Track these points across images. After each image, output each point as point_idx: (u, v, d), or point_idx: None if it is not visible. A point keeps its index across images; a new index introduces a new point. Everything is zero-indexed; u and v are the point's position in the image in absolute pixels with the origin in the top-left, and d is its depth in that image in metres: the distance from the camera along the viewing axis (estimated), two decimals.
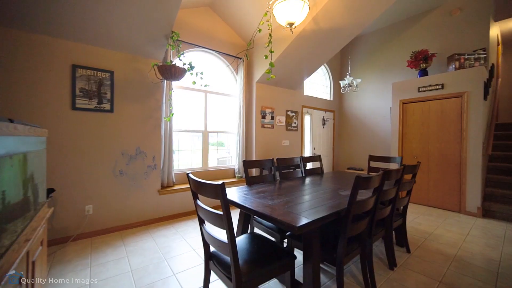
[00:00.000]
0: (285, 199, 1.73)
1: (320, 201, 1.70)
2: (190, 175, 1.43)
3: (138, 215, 2.95)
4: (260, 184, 2.30)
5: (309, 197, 1.80)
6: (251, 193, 1.92)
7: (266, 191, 2.00)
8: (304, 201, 1.69)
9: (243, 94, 4.15)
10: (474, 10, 3.90)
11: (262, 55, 3.98)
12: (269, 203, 1.64)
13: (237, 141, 4.21)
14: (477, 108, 3.43)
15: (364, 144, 5.51)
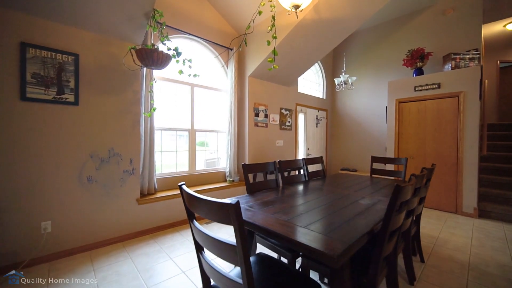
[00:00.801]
0: (301, 213, 1.40)
1: (344, 214, 1.39)
2: (183, 188, 1.04)
3: (113, 230, 2.46)
4: (262, 192, 1.96)
5: (327, 209, 1.49)
6: (256, 205, 1.57)
7: (273, 201, 1.66)
8: (326, 215, 1.37)
9: (235, 89, 3.77)
10: (467, 11, 3.89)
11: (256, 46, 3.63)
12: (283, 219, 1.30)
13: (228, 141, 3.82)
14: (473, 108, 3.39)
15: (357, 144, 5.39)
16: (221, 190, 3.49)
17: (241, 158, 3.95)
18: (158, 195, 2.85)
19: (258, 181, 2.10)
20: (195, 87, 3.53)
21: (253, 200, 1.69)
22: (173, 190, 3.11)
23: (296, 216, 1.34)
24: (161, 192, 2.98)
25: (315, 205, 1.56)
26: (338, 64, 5.74)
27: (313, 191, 2.01)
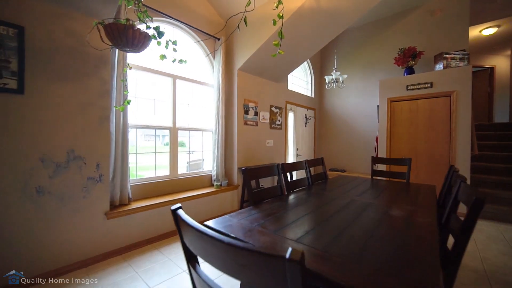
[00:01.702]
0: (345, 242, 1.08)
1: (390, 235, 1.10)
2: (180, 214, 0.67)
3: (73, 254, 1.94)
4: (269, 203, 1.62)
5: (364, 227, 1.18)
6: (270, 223, 1.23)
7: (292, 220, 1.33)
8: (375, 240, 1.07)
9: (222, 83, 3.38)
10: (454, 13, 3.92)
11: (246, 37, 3.28)
12: (333, 252, 0.97)
13: (215, 140, 3.41)
14: (466, 108, 3.39)
15: (346, 144, 5.28)
16: (207, 196, 3.08)
17: (229, 160, 3.57)
18: (133, 205, 2.36)
19: (260, 188, 1.75)
20: (177, 80, 3.07)
21: (261, 215, 1.34)
22: (151, 198, 2.64)
23: (347, 251, 1.01)
24: (137, 202, 2.50)
25: (347, 222, 1.25)
26: (326, 62, 5.60)
27: (330, 200, 1.71)
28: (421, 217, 1.30)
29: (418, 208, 1.47)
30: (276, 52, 1.74)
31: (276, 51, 1.72)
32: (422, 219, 1.26)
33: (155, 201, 2.55)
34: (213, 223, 1.19)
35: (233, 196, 3.45)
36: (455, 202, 1.15)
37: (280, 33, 1.62)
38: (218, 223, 1.20)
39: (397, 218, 1.29)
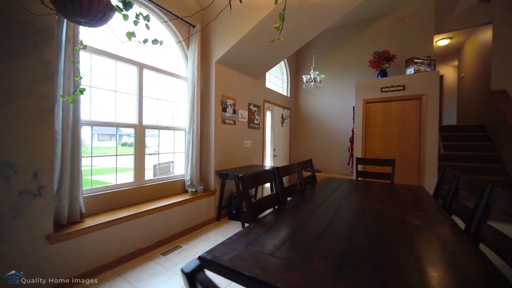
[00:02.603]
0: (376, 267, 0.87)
1: (418, 248, 0.93)
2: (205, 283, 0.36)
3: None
4: (272, 217, 1.36)
5: (386, 241, 1.00)
6: (298, 259, 0.97)
7: (312, 241, 1.09)
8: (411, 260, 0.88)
9: (197, 76, 3.00)
10: (421, 21, 4.18)
11: (226, 25, 2.96)
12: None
13: (189, 140, 3.01)
14: (434, 111, 3.60)
15: (321, 144, 5.30)
16: (182, 205, 2.67)
17: (205, 163, 3.20)
18: (87, 223, 1.87)
19: (259, 199, 1.49)
20: (145, 69, 2.61)
21: (271, 237, 1.07)
22: (112, 212, 2.15)
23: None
24: (93, 217, 1.99)
25: (370, 239, 1.06)
26: (302, 62, 5.56)
27: (344, 211, 1.52)
28: (441, 226, 1.18)
29: (432, 214, 1.37)
30: (275, 38, 1.49)
31: (276, 36, 1.47)
32: (444, 228, 1.14)
33: (116, 215, 2.08)
34: (218, 254, 0.89)
35: (210, 203, 3.10)
36: (486, 210, 1.05)
37: (281, 15, 1.37)
38: (222, 253, 0.90)
39: (426, 229, 1.15)
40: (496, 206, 0.99)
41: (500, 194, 0.98)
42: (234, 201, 3.26)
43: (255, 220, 1.32)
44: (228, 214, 3.35)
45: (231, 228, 2.92)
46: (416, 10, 4.20)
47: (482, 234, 1.02)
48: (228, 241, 1.02)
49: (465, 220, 1.29)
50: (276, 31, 2.87)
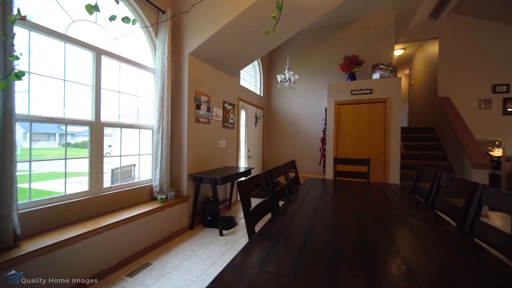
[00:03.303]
0: None
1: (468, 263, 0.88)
2: None
3: None
4: (275, 226, 1.20)
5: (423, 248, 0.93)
6: (331, 281, 0.82)
7: (330, 255, 0.95)
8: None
9: (168, 68, 2.67)
10: (384, 30, 4.51)
11: (202, 14, 2.70)
12: None
13: (158, 141, 2.66)
14: (397, 113, 3.90)
15: (293, 144, 5.34)
16: (150, 215, 2.33)
17: (177, 165, 2.88)
18: (25, 248, 1.44)
19: (255, 206, 1.31)
20: (103, 56, 2.19)
21: (287, 251, 0.91)
22: (61, 230, 1.72)
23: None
24: (33, 239, 1.56)
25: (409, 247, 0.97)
26: (274, 61, 5.53)
27: (345, 215, 1.43)
28: (441, 224, 1.18)
29: (425, 213, 1.38)
30: (270, 29, 1.33)
31: (271, 27, 1.31)
32: (446, 227, 1.13)
33: (67, 233, 1.67)
34: (229, 283, 0.69)
35: (182, 210, 2.79)
36: (479, 207, 1.07)
37: (278, 4, 1.23)
38: (233, 280, 0.71)
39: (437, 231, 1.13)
40: (491, 204, 1.01)
41: (491, 192, 1.02)
42: (209, 207, 3.01)
43: (253, 231, 1.15)
44: (202, 221, 3.08)
45: (208, 237, 2.67)
46: (380, 21, 4.52)
47: (475, 230, 1.04)
48: (235, 262, 0.82)
49: (449, 216, 1.33)
50: (256, 24, 2.74)
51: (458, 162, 4.04)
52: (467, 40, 4.77)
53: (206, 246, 2.44)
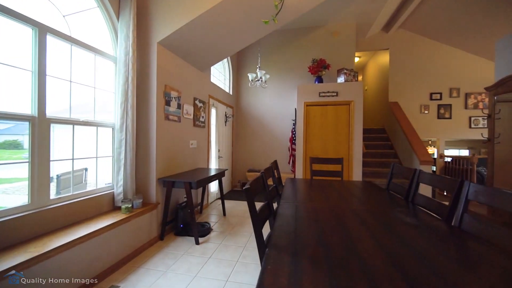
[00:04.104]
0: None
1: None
2: None
3: None
4: (283, 232, 1.09)
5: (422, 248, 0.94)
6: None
7: (359, 263, 0.89)
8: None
9: (133, 57, 2.32)
10: (347, 38, 4.85)
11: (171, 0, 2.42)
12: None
13: (121, 141, 2.29)
14: (359, 115, 4.22)
15: (262, 144, 5.32)
16: (113, 230, 1.97)
17: (144, 169, 2.54)
18: None
19: (259, 212, 1.18)
20: (49, 35, 1.76)
21: (320, 271, 0.81)
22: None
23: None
24: None
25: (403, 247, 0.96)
26: (243, 60, 5.42)
27: (345, 216, 1.40)
28: (434, 221, 1.26)
29: (410, 210, 1.46)
30: (269, 19, 1.23)
31: (271, 18, 1.21)
32: (437, 223, 1.21)
33: (1, 263, 1.27)
34: None
35: (151, 220, 2.46)
36: (466, 202, 1.17)
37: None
38: None
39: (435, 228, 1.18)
40: (479, 199, 1.12)
41: (476, 187, 1.13)
42: (181, 213, 2.73)
43: (263, 243, 1.02)
44: (173, 229, 2.78)
45: (182, 247, 2.41)
46: (343, 29, 4.84)
47: (464, 224, 1.14)
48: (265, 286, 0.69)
49: (433, 211, 1.45)
50: (235, 17, 2.59)
51: (407, 159, 4.60)
52: (412, 52, 5.49)
53: (182, 257, 2.19)
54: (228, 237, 2.68)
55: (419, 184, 1.69)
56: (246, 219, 3.27)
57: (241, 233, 2.78)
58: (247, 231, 2.84)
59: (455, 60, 5.29)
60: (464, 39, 4.97)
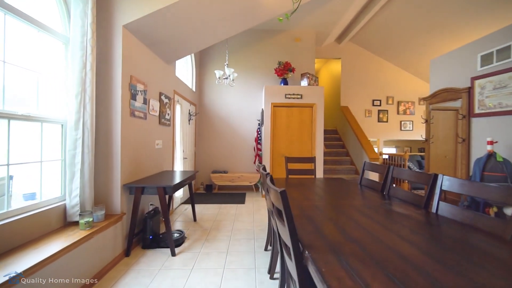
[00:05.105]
0: None
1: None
2: None
3: None
4: (311, 236, 1.05)
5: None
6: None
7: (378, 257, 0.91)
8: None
9: (92, 40, 1.92)
10: (307, 44, 5.18)
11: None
12: None
13: (76, 140, 1.87)
14: (321, 117, 4.56)
15: (226, 144, 5.18)
16: (69, 254, 1.59)
17: (105, 174, 2.14)
18: None
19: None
20: None
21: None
22: None
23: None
24: None
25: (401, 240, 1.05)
26: (206, 55, 5.17)
27: (345, 214, 1.44)
28: (417, 209, 1.44)
29: (391, 201, 1.64)
30: (283, 17, 1.18)
31: (289, 13, 1.17)
32: (420, 211, 1.39)
33: None
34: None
35: (115, 234, 2.09)
36: (441, 192, 1.38)
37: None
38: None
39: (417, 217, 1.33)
40: (451, 189, 1.34)
41: (449, 180, 1.36)
42: (150, 223, 2.41)
43: (298, 246, 0.97)
44: (140, 243, 2.43)
45: (155, 261, 2.12)
46: (305, 35, 5.15)
47: (440, 210, 1.36)
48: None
49: (408, 201, 1.67)
50: (213, 11, 2.44)
51: (358, 157, 5.22)
52: (359, 63, 6.25)
53: (160, 273, 1.93)
54: (206, 244, 2.49)
55: (393, 179, 1.92)
56: (220, 223, 3.12)
57: (219, 238, 2.63)
58: (225, 235, 2.71)
59: (391, 73, 6.29)
60: (398, 55, 5.94)
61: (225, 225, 3.05)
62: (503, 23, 3.25)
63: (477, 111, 2.48)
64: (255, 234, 2.77)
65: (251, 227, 3.00)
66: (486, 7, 3.61)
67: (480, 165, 2.11)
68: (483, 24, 3.92)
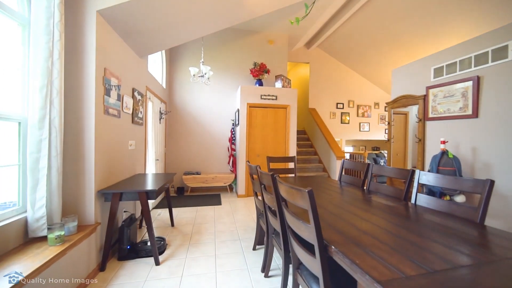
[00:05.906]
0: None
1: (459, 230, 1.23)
2: None
3: None
4: (328, 231, 1.10)
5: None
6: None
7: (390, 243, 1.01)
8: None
9: (61, 24, 1.66)
10: (280, 47, 5.33)
11: None
12: None
13: (40, 141, 1.60)
14: (294, 119, 4.75)
15: (199, 145, 5.00)
16: (40, 274, 1.35)
17: (76, 179, 1.87)
18: None
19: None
20: None
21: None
22: None
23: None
24: None
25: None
26: (177, 52, 4.90)
27: (346, 213, 1.52)
28: (398, 201, 1.63)
29: (374, 194, 1.82)
30: (294, 20, 1.21)
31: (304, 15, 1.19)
32: (402, 202, 1.59)
33: None
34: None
35: (89, 248, 1.84)
36: (418, 185, 1.60)
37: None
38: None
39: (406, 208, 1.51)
40: (427, 182, 1.57)
41: (425, 174, 1.58)
42: (127, 232, 2.18)
43: (323, 243, 1.00)
44: (116, 253, 2.18)
45: (137, 273, 1.93)
46: (278, 38, 5.30)
47: (418, 201, 1.58)
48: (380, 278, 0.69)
49: (388, 195, 1.88)
50: (192, 5, 2.33)
51: (325, 155, 5.59)
52: (325, 69, 6.69)
53: (148, 285, 1.77)
54: (191, 248, 2.38)
55: (372, 175, 2.13)
56: (201, 226, 3.00)
57: (204, 242, 2.54)
58: (209, 238, 2.62)
59: (352, 79, 6.90)
60: (359, 63, 6.55)
61: (207, 228, 2.95)
62: (453, 42, 3.88)
63: (431, 115, 2.92)
64: (240, 234, 2.75)
65: (234, 228, 2.96)
66: (442, 24, 4.18)
67: (436, 161, 2.49)
68: (436, 41, 4.58)
